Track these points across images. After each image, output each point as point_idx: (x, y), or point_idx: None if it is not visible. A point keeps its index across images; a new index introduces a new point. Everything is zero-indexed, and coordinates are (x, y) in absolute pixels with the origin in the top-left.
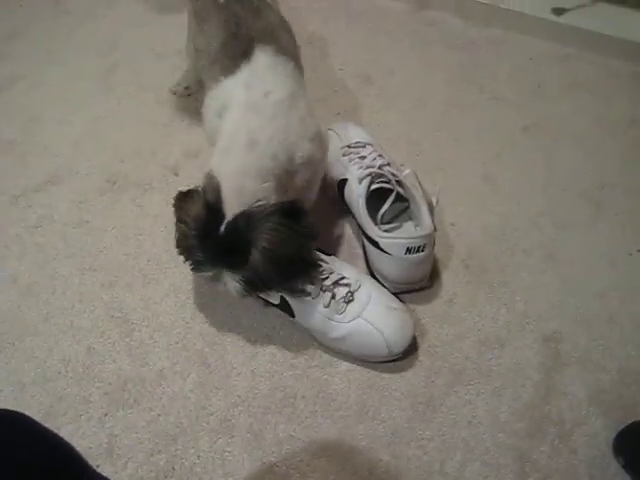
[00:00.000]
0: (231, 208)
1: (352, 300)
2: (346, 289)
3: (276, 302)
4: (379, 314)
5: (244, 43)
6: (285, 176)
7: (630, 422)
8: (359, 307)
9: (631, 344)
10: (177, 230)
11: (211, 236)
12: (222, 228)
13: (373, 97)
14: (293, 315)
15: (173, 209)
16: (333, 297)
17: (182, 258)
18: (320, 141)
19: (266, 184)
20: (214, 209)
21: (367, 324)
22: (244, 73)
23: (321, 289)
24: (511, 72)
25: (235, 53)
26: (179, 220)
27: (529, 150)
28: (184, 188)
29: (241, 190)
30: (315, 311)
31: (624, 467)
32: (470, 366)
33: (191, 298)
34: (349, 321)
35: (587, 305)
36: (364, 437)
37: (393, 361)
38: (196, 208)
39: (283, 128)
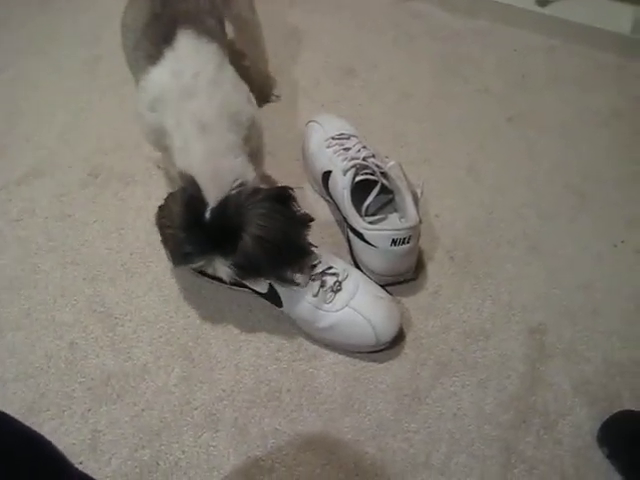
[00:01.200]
0: (212, 193)
1: (340, 290)
2: (334, 278)
3: (263, 291)
4: (367, 303)
5: (167, 26)
6: (246, 145)
7: (614, 412)
8: (347, 296)
9: (615, 335)
10: (163, 236)
11: (197, 225)
12: (207, 215)
13: (357, 89)
14: (280, 305)
15: (157, 224)
16: (322, 286)
17: (171, 260)
18: (253, 100)
19: (238, 159)
20: (195, 200)
21: (355, 313)
22: (169, 60)
23: (311, 278)
24: (496, 63)
25: (158, 38)
26: (162, 227)
27: (514, 141)
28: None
29: (216, 172)
30: (303, 300)
31: (608, 457)
32: (455, 358)
33: (175, 292)
34: (337, 310)
35: (572, 297)
36: (350, 430)
37: (379, 351)
38: (176, 206)
39: (223, 101)
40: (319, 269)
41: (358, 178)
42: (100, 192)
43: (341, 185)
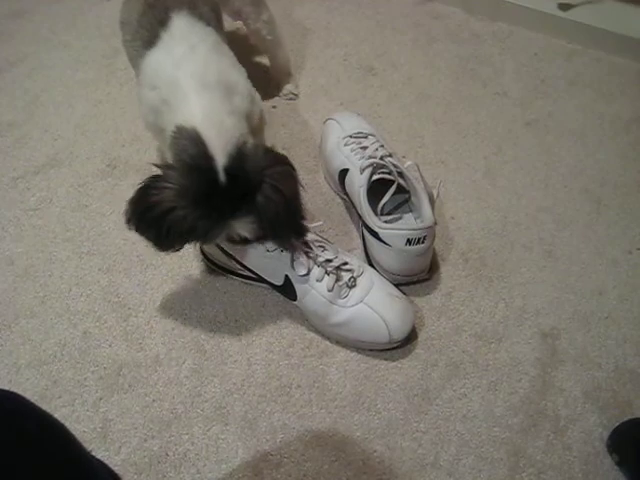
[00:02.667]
0: (218, 146)
1: (355, 285)
2: (349, 274)
3: (279, 283)
4: (382, 300)
5: (161, 12)
6: (247, 122)
7: (625, 420)
8: (362, 292)
9: (629, 343)
10: (162, 225)
11: (211, 192)
12: (221, 176)
13: (376, 89)
14: (295, 298)
15: (142, 214)
16: (337, 280)
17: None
18: (251, 85)
19: (240, 123)
20: (201, 160)
21: (369, 309)
22: (165, 41)
23: (326, 272)
24: (515, 67)
25: (152, 23)
26: (161, 213)
27: (531, 146)
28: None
29: (222, 124)
30: (319, 294)
31: (618, 464)
32: (467, 360)
33: (189, 285)
34: (352, 306)
35: (585, 302)
36: (359, 428)
37: (390, 350)
38: (183, 178)
39: (220, 69)
40: (335, 263)
41: (375, 177)
42: (117, 183)
43: (357, 184)
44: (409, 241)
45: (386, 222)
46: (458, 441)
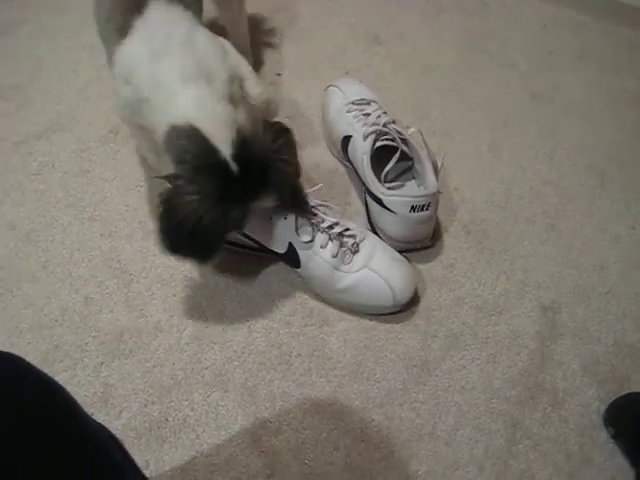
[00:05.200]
0: (220, 137)
1: (358, 251)
2: (352, 240)
3: (282, 251)
4: (385, 264)
5: None
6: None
7: (622, 394)
8: (365, 258)
9: (628, 318)
10: (199, 235)
11: (228, 186)
12: (233, 166)
13: (382, 58)
14: (298, 265)
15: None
16: (341, 246)
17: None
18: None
19: (229, 106)
20: (207, 158)
21: (373, 274)
22: (139, 30)
23: (330, 239)
24: (523, 39)
25: (128, 9)
26: (193, 230)
27: (537, 119)
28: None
29: (217, 114)
30: (323, 261)
31: (613, 437)
32: (467, 331)
33: None
34: (356, 271)
35: (587, 277)
36: (358, 397)
37: (391, 317)
38: (199, 175)
39: (199, 58)
40: (337, 230)
41: (378, 144)
42: (119, 149)
43: (361, 151)
44: (413, 208)
45: (390, 189)
46: (456, 412)
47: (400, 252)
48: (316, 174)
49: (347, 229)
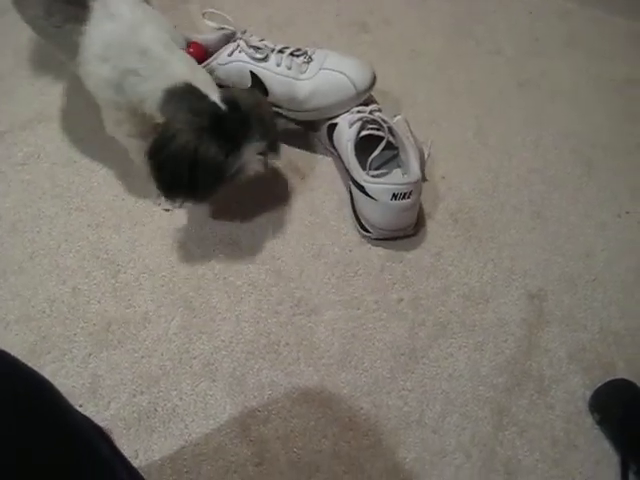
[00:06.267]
0: (211, 89)
1: (312, 60)
2: (303, 53)
3: (249, 84)
4: (338, 61)
5: None
6: None
7: (607, 380)
8: (318, 63)
9: (614, 305)
10: (194, 165)
11: (219, 123)
12: (222, 106)
13: (368, 45)
14: (267, 93)
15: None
16: (292, 58)
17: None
18: None
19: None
20: (201, 102)
21: (329, 71)
22: (99, 9)
23: (282, 58)
24: (509, 26)
25: None
26: (186, 156)
27: (523, 106)
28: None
29: (206, 75)
30: (281, 76)
31: (599, 423)
32: (454, 320)
33: (178, 242)
34: (313, 76)
35: (573, 264)
36: (345, 385)
37: (378, 306)
38: (199, 118)
39: (165, 29)
40: (287, 52)
41: (364, 133)
42: (108, 139)
43: (346, 137)
44: (395, 196)
45: (373, 177)
46: (443, 399)
47: (383, 239)
48: (302, 162)
49: (298, 49)
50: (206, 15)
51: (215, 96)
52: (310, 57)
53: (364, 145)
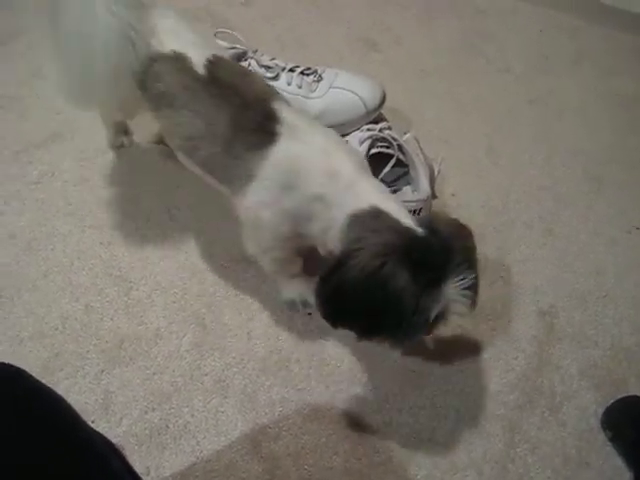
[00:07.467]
0: (404, 215)
1: (322, 79)
2: (313, 72)
3: None
4: (348, 79)
5: (255, 109)
6: None
7: (619, 397)
8: (329, 81)
9: (625, 321)
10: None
11: (416, 248)
12: (419, 231)
13: (379, 64)
14: None
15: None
16: (303, 76)
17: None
18: None
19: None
20: (392, 224)
21: (339, 90)
22: (287, 134)
23: (292, 76)
24: (519, 44)
25: (255, 122)
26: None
27: (533, 123)
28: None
29: (395, 200)
30: (292, 95)
31: (611, 440)
32: (464, 336)
33: (189, 259)
34: (323, 94)
35: (583, 281)
36: (356, 402)
37: None
38: (373, 241)
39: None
40: (299, 70)
41: (373, 151)
42: (119, 158)
43: None
44: None
45: None
46: (454, 416)
47: None
48: None
49: (308, 68)
50: (218, 35)
51: (408, 220)
52: (320, 76)
53: (374, 163)
